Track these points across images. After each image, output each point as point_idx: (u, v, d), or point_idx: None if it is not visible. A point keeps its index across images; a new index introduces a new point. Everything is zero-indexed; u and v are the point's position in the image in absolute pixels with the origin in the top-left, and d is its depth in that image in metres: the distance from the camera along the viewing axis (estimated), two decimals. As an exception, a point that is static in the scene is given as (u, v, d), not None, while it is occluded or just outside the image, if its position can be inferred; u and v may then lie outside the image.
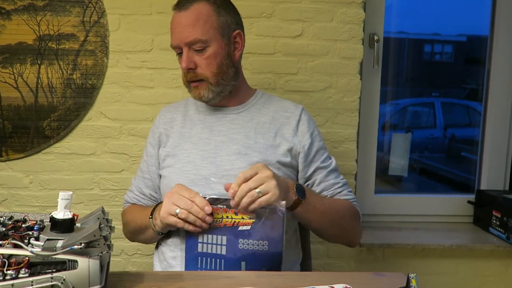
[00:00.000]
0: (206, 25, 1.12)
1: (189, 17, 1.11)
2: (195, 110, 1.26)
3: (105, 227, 0.80)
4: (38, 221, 0.84)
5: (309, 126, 1.22)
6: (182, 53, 1.14)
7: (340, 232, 1.18)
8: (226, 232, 1.00)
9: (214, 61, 1.14)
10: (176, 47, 1.15)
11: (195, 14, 1.12)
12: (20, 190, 1.65)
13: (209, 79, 1.14)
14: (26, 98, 1.61)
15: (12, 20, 1.57)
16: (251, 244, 0.99)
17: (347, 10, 1.65)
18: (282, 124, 1.20)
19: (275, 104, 1.25)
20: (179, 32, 1.12)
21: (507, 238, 1.70)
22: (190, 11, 1.12)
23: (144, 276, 0.93)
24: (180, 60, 1.15)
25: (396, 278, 0.96)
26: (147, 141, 1.29)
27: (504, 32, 1.84)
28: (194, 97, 1.18)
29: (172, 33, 1.15)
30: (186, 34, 1.11)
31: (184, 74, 1.16)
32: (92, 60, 1.61)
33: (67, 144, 1.65)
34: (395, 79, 2.16)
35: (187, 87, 1.19)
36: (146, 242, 1.23)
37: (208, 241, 1.01)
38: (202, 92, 1.15)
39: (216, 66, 1.14)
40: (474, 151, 1.99)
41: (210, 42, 1.12)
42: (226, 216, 0.99)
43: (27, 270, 0.71)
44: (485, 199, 1.83)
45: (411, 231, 1.81)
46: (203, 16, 1.12)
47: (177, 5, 1.14)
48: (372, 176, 1.85)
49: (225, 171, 1.13)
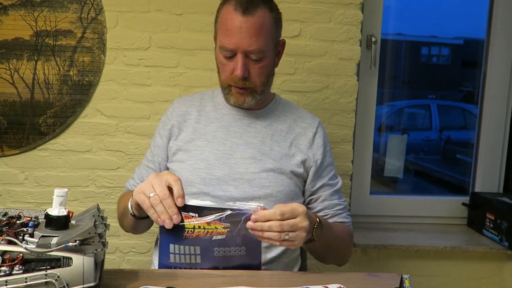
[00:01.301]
0: (268, 36, 1.09)
1: (254, 25, 1.06)
2: (212, 107, 1.23)
3: (100, 225, 0.80)
4: (33, 217, 0.83)
5: (324, 141, 1.22)
6: (234, 57, 1.09)
7: (336, 256, 1.17)
8: (199, 242, 0.94)
9: (265, 71, 1.12)
10: (228, 50, 1.08)
11: (260, 22, 1.07)
12: (15, 186, 1.65)
13: (256, 88, 1.12)
14: (22, 94, 1.60)
15: (9, 16, 1.56)
16: (227, 251, 0.95)
17: (345, 11, 1.65)
18: (298, 135, 1.20)
19: (293, 112, 1.24)
20: (241, 38, 1.06)
21: (500, 240, 1.71)
22: (255, 18, 1.06)
23: (139, 274, 0.93)
24: (228, 62, 1.10)
25: (390, 279, 0.96)
26: (157, 131, 1.26)
27: (500, 35, 1.85)
28: (235, 101, 1.14)
29: (229, 35, 1.07)
30: (249, 42, 1.06)
31: (231, 79, 1.11)
32: (89, 57, 1.61)
33: (63, 140, 1.64)
34: (392, 80, 2.17)
35: (226, 90, 1.15)
36: (130, 228, 1.16)
37: (180, 251, 0.95)
38: (247, 99, 1.13)
39: (266, 76, 1.13)
40: (469, 154, 2.00)
41: (267, 52, 1.10)
42: (198, 227, 0.93)
43: (21, 267, 0.70)
44: (479, 201, 1.84)
45: (406, 232, 1.82)
46: (267, 26, 1.08)
47: (240, 6, 1.06)
48: (368, 177, 1.86)
49: (239, 174, 1.12)
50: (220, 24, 1.11)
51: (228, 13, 1.07)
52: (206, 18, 1.62)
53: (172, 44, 1.63)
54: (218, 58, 1.14)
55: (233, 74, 1.10)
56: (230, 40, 1.07)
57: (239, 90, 1.12)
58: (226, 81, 1.13)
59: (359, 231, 1.79)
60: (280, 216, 0.90)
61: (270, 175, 1.13)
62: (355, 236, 1.72)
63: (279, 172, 1.14)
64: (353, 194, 1.83)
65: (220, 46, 1.10)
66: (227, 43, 1.07)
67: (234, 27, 1.06)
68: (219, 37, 1.11)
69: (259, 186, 1.12)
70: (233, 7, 1.07)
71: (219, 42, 1.11)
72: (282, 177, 1.14)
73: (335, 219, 1.19)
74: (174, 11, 1.61)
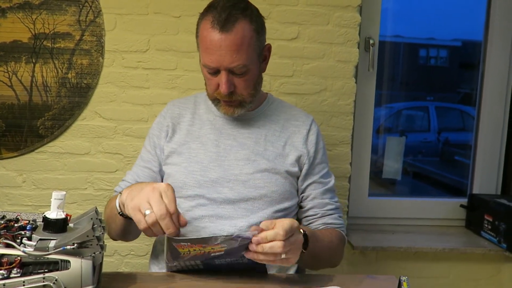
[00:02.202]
0: (249, 49, 1.06)
1: (233, 41, 1.03)
2: (205, 109, 1.22)
3: (98, 228, 0.80)
4: (31, 220, 0.83)
5: (318, 138, 1.21)
6: (218, 74, 1.08)
7: (325, 263, 1.16)
8: (198, 259, 0.92)
9: (251, 83, 1.11)
10: (212, 68, 1.07)
11: (239, 37, 1.03)
12: (13, 189, 1.64)
13: (244, 99, 1.12)
14: (20, 97, 1.60)
15: (7, 18, 1.56)
16: (229, 261, 0.93)
17: (343, 13, 1.66)
18: (292, 133, 1.19)
19: (286, 112, 1.24)
20: (221, 56, 1.04)
21: (498, 242, 1.71)
22: (233, 34, 1.03)
23: (137, 277, 0.93)
24: (212, 77, 1.09)
25: (388, 281, 0.96)
26: (151, 132, 1.24)
27: (498, 37, 1.86)
28: (225, 113, 1.14)
29: (209, 53, 1.05)
30: (230, 59, 1.04)
31: (217, 93, 1.10)
32: (88, 59, 1.61)
33: (61, 143, 1.64)
34: (390, 82, 2.17)
35: (215, 101, 1.14)
36: (119, 233, 1.09)
37: (181, 264, 0.94)
38: (236, 110, 1.13)
39: (253, 86, 1.12)
40: (467, 155, 2.01)
41: (251, 65, 1.09)
42: (194, 250, 0.89)
43: (19, 270, 0.70)
44: (477, 203, 1.84)
45: (404, 234, 1.82)
46: (247, 39, 1.05)
47: (218, 24, 1.03)
48: (366, 179, 1.86)
49: (233, 176, 1.12)
50: (200, 39, 1.09)
51: (206, 30, 1.05)
52: (204, 21, 1.62)
53: (171, 47, 1.63)
54: (203, 72, 1.13)
55: (218, 89, 1.09)
56: (210, 58, 1.05)
57: (227, 103, 1.12)
58: (213, 95, 1.13)
59: (358, 233, 1.79)
60: (285, 236, 0.87)
61: (264, 176, 1.13)
62: (354, 238, 1.73)
63: (273, 172, 1.13)
64: (352, 196, 1.83)
65: (202, 63, 1.09)
66: (209, 61, 1.06)
67: (213, 45, 1.04)
68: (201, 53, 1.09)
69: (254, 187, 1.12)
70: (210, 24, 1.04)
71: (202, 59, 1.09)
72: (276, 177, 1.14)
73: (325, 219, 1.17)
74: (172, 13, 1.61)
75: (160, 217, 0.86)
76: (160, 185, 0.90)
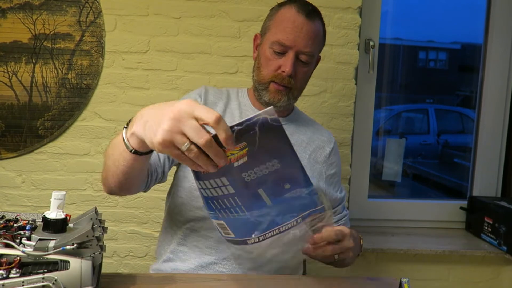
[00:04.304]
0: (319, 45, 1.15)
1: (313, 30, 1.10)
2: (237, 105, 1.19)
3: (98, 228, 0.79)
4: (30, 220, 0.83)
5: (338, 155, 1.25)
6: (284, 55, 1.10)
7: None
8: (221, 173, 0.72)
9: (307, 77, 1.16)
10: (282, 45, 1.09)
11: (318, 30, 1.12)
12: (12, 189, 1.64)
13: (295, 90, 1.14)
14: (20, 97, 1.60)
15: (8, 19, 1.56)
16: (258, 171, 0.73)
17: (343, 15, 1.66)
18: (317, 147, 1.21)
19: (312, 125, 1.26)
20: (299, 37, 1.09)
21: (498, 244, 1.71)
22: (315, 24, 1.11)
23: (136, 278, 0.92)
24: (276, 58, 1.11)
25: (389, 283, 0.96)
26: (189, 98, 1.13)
27: (497, 40, 1.86)
28: (270, 99, 1.13)
29: (288, 31, 1.09)
30: (305, 43, 1.09)
31: (274, 75, 1.11)
32: (88, 60, 1.61)
33: (61, 144, 1.64)
34: (390, 85, 2.17)
35: (263, 85, 1.13)
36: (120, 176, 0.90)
37: (207, 186, 0.76)
38: (283, 99, 1.12)
39: (305, 82, 1.17)
40: (467, 158, 2.01)
41: (313, 60, 1.15)
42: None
43: (18, 270, 0.70)
44: (477, 205, 1.84)
45: (404, 236, 1.82)
46: (320, 36, 1.14)
47: (304, 10, 1.10)
48: (366, 181, 1.86)
49: None
50: (277, 21, 1.12)
51: (290, 13, 1.10)
52: (205, 22, 1.62)
53: (171, 48, 1.63)
54: (263, 54, 1.13)
55: (278, 70, 1.11)
56: (288, 36, 1.08)
57: (279, 87, 1.11)
58: (268, 76, 1.12)
59: (357, 235, 1.78)
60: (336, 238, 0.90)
61: None
62: (353, 240, 1.73)
63: None
64: (351, 198, 1.83)
65: (274, 40, 1.10)
66: (285, 39, 1.09)
67: (295, 25, 1.09)
68: (274, 33, 1.11)
69: None
70: (295, 9, 1.10)
71: (273, 37, 1.10)
72: None
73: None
74: (172, 14, 1.61)
75: (205, 145, 0.65)
76: (180, 101, 0.68)
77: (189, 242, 1.11)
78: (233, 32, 1.64)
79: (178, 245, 1.12)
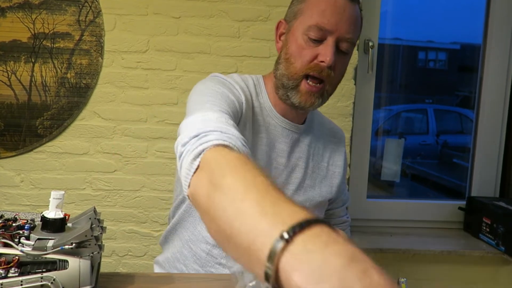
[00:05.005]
0: (358, 33, 0.97)
1: (355, 14, 0.94)
2: (259, 107, 1.01)
3: (96, 227, 0.80)
4: (29, 220, 0.83)
5: (346, 159, 1.15)
6: (321, 43, 0.93)
7: None
8: None
9: (344, 70, 0.99)
10: (322, 30, 0.92)
11: (357, 16, 0.95)
12: (11, 188, 1.64)
13: (329, 87, 0.97)
14: (19, 96, 1.60)
15: (7, 18, 1.56)
16: None
17: (342, 15, 1.66)
18: (333, 151, 1.11)
19: (324, 124, 1.13)
20: (341, 20, 0.92)
21: (496, 244, 1.71)
22: (356, 9, 0.95)
23: (135, 278, 0.92)
24: (312, 46, 0.93)
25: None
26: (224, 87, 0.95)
27: (496, 41, 1.86)
28: (301, 101, 0.96)
29: (329, 14, 0.91)
30: (347, 28, 0.92)
31: (310, 66, 0.93)
32: (87, 59, 1.61)
33: (60, 143, 1.64)
34: (389, 85, 2.17)
35: (294, 82, 0.95)
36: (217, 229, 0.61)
37: None
38: (316, 101, 0.96)
39: (342, 76, 1.00)
40: (466, 158, 2.01)
41: (352, 49, 0.98)
42: None
43: (17, 270, 0.70)
44: (475, 205, 1.84)
45: (402, 236, 1.82)
46: (360, 22, 0.97)
47: None
48: (365, 181, 1.86)
49: None
50: (313, 3, 0.94)
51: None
52: (204, 22, 1.62)
53: (170, 47, 1.63)
54: (295, 42, 0.95)
55: (314, 61, 0.93)
56: (330, 19, 0.91)
57: (311, 88, 0.94)
58: (302, 69, 0.93)
59: (356, 235, 1.79)
60: None
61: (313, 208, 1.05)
62: (352, 240, 1.73)
63: (322, 199, 1.07)
64: (350, 198, 1.83)
65: (311, 25, 0.92)
66: (325, 23, 0.91)
67: (337, 7, 0.92)
68: (309, 16, 0.93)
69: None
70: None
71: (309, 21, 0.93)
72: (321, 210, 1.09)
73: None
74: (172, 14, 1.61)
75: None
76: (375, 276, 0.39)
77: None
78: (232, 32, 1.64)
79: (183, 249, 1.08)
